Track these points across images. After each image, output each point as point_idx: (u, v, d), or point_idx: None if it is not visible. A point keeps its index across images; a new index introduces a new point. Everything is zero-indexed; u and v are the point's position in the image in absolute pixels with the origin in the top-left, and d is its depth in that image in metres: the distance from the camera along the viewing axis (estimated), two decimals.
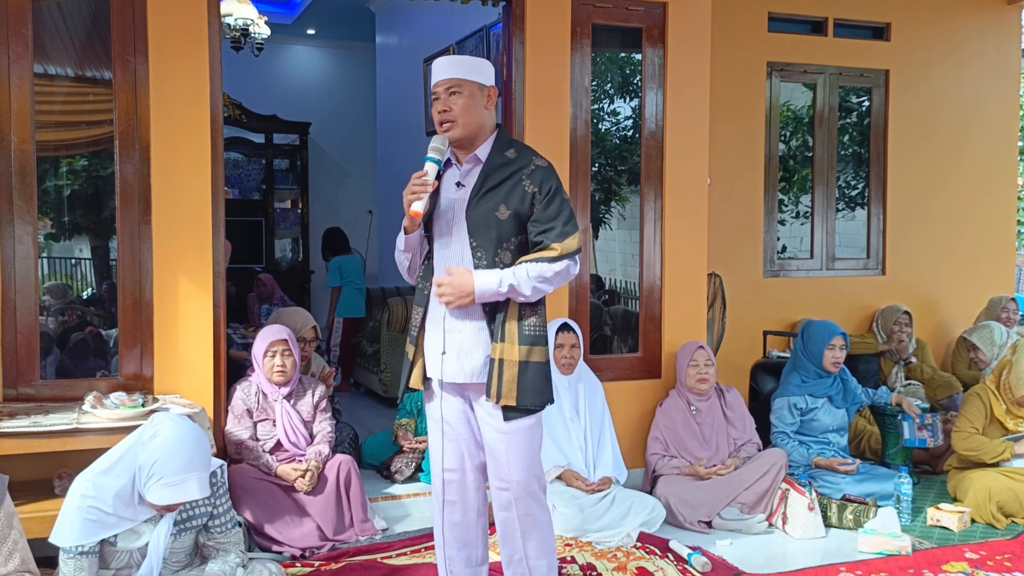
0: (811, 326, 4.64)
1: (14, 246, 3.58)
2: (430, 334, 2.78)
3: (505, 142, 2.78)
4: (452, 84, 2.70)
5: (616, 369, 4.60)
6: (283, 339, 3.87)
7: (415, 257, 2.83)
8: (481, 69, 2.74)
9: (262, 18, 7.32)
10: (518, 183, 2.68)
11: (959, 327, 6.14)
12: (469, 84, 2.70)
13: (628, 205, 5.09)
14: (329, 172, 10.20)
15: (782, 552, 3.77)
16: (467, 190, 2.73)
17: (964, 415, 4.38)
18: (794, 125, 6.11)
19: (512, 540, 2.81)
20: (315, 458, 3.82)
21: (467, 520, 2.87)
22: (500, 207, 2.66)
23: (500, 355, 2.65)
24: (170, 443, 2.71)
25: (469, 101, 2.69)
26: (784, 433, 4.43)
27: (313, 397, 3.99)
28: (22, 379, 3.61)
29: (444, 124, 2.70)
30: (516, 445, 2.73)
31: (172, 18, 3.71)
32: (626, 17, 4.57)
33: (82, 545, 2.69)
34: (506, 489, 2.76)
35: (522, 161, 2.72)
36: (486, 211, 2.67)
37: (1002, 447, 4.21)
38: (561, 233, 2.66)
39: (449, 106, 2.69)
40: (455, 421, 2.81)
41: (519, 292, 2.64)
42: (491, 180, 2.70)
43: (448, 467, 2.84)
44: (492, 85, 2.77)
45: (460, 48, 7.02)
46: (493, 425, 2.72)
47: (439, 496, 2.87)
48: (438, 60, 2.77)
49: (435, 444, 2.86)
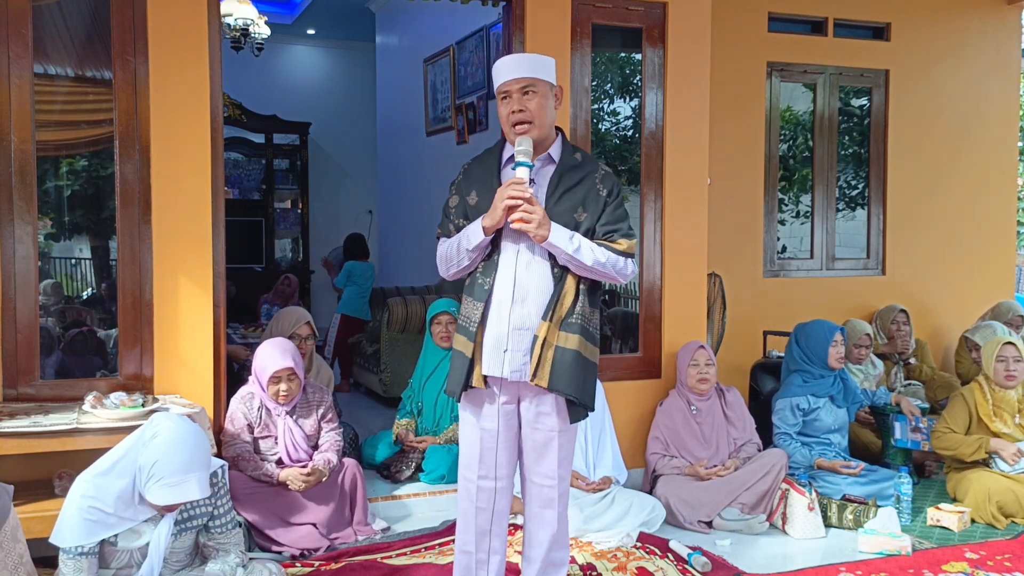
0: (808, 327, 4.63)
1: (14, 246, 3.58)
2: (492, 330, 2.71)
3: (569, 145, 2.80)
4: (527, 83, 2.67)
5: (616, 369, 4.61)
6: (289, 367, 3.75)
7: (479, 256, 2.76)
8: (551, 67, 2.73)
9: (262, 18, 7.32)
10: (592, 186, 2.71)
11: (959, 327, 6.15)
12: (542, 83, 2.69)
13: (628, 205, 5.08)
14: (329, 172, 10.21)
15: (782, 552, 3.77)
16: (540, 188, 2.72)
17: (944, 415, 4.44)
18: (794, 125, 6.11)
19: (546, 535, 2.82)
20: (323, 465, 3.77)
21: (498, 528, 2.84)
22: (578, 209, 2.69)
23: (543, 334, 2.65)
24: (170, 444, 2.71)
25: (543, 100, 2.68)
26: (787, 434, 4.44)
27: (318, 412, 3.89)
28: (22, 379, 3.60)
29: (521, 125, 2.66)
30: (566, 443, 2.76)
31: (172, 18, 3.71)
32: (626, 17, 4.57)
33: (82, 545, 2.69)
34: (551, 487, 2.77)
35: (591, 166, 2.76)
36: (565, 212, 2.68)
37: (977, 443, 4.23)
38: (627, 234, 2.72)
39: (525, 106, 2.66)
40: (506, 425, 2.77)
41: (580, 257, 2.63)
42: (566, 181, 2.71)
43: (495, 475, 2.78)
44: (558, 85, 2.76)
45: (460, 48, 7.03)
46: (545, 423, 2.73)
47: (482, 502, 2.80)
48: (506, 58, 2.75)
49: (483, 449, 2.78)
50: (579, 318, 2.68)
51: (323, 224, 10.09)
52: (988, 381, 4.38)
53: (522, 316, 2.69)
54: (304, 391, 3.88)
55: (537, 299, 2.69)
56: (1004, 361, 4.31)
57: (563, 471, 2.80)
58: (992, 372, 4.34)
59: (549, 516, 2.81)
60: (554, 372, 2.65)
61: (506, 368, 2.70)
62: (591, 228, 2.71)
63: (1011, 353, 4.31)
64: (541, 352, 2.65)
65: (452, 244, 2.78)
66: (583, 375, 2.68)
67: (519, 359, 2.69)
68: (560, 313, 2.66)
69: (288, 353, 3.77)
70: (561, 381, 2.65)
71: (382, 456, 4.61)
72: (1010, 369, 4.29)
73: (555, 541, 2.84)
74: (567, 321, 2.67)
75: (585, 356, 2.69)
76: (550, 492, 2.78)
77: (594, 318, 2.74)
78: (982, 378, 4.42)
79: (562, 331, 2.66)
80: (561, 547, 2.89)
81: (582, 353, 2.68)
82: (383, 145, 9.40)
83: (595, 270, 2.67)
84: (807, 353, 4.57)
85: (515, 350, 2.69)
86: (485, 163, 2.82)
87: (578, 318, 2.68)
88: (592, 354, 2.72)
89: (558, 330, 2.66)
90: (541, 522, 2.82)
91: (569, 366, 2.65)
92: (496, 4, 4.43)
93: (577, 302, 2.69)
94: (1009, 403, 4.32)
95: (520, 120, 2.66)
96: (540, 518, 2.82)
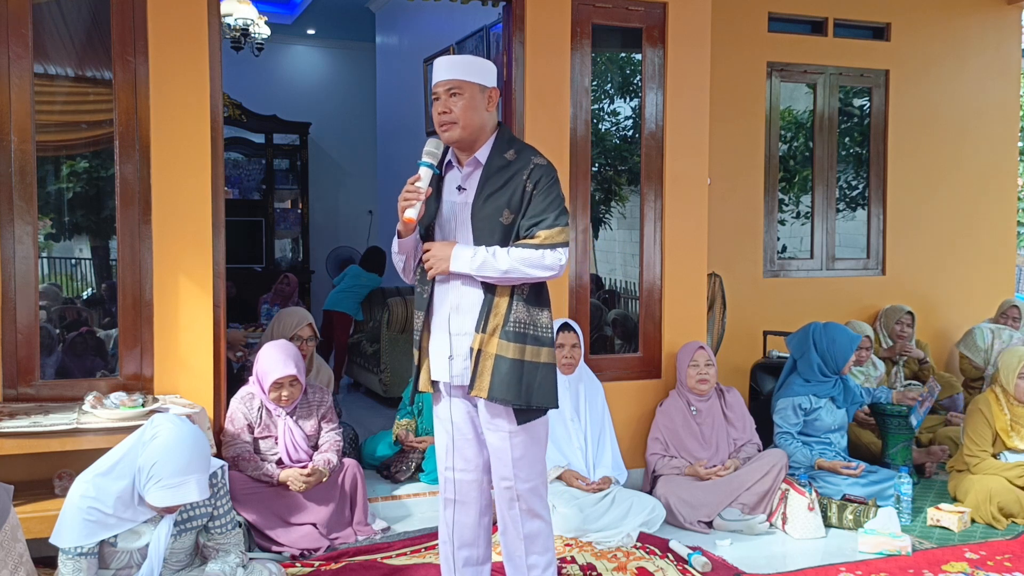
0: (831, 333, 4.55)
1: (14, 246, 3.58)
2: (436, 337, 2.78)
3: (505, 143, 2.75)
4: (453, 85, 2.68)
5: (616, 369, 4.60)
6: (292, 375, 3.75)
7: (409, 260, 2.83)
8: (483, 70, 2.72)
9: (262, 18, 7.32)
10: (519, 184, 2.67)
11: (959, 327, 6.15)
12: (470, 85, 2.68)
13: (628, 205, 5.09)
14: (329, 172, 10.20)
15: (782, 552, 3.77)
16: (469, 194, 2.72)
17: (968, 434, 4.32)
18: (794, 125, 6.11)
19: (514, 538, 2.83)
20: (323, 465, 3.78)
21: (471, 520, 2.89)
22: (504, 211, 2.66)
23: (478, 345, 2.67)
24: (169, 445, 2.71)
25: (470, 103, 2.67)
26: (788, 433, 4.43)
27: (318, 413, 3.90)
28: (22, 379, 3.60)
29: (444, 125, 2.69)
30: (520, 444, 2.75)
31: (172, 18, 3.71)
32: (626, 17, 4.57)
33: (81, 546, 2.70)
34: (508, 488, 2.78)
35: (521, 162, 2.70)
36: (490, 215, 2.67)
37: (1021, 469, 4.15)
38: (551, 224, 2.65)
39: (449, 107, 2.67)
40: (461, 423, 2.83)
41: (486, 272, 2.63)
42: (491, 184, 2.69)
43: (456, 467, 2.85)
44: (493, 86, 2.75)
45: (460, 48, 7.02)
46: (496, 424, 2.73)
47: (445, 496, 2.89)
48: (439, 60, 2.75)
49: (442, 445, 2.88)
50: (516, 324, 2.67)
51: (323, 224, 10.09)
52: (1006, 394, 4.32)
53: (460, 323, 2.72)
54: (304, 392, 3.88)
55: (473, 308, 2.71)
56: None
57: (521, 471, 2.76)
58: (1013, 388, 4.26)
59: (513, 516, 2.82)
60: (492, 382, 2.66)
61: (452, 373, 2.74)
62: (517, 227, 2.70)
63: None
64: (478, 363, 2.67)
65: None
66: (526, 380, 2.67)
67: (460, 364, 2.73)
68: (495, 322, 2.67)
69: (291, 359, 3.76)
70: (499, 389, 2.66)
71: (382, 456, 4.61)
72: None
73: (530, 543, 2.82)
74: (504, 329, 2.67)
75: (526, 360, 2.67)
76: (509, 492, 2.79)
77: (539, 319, 2.71)
78: (998, 390, 4.34)
79: (500, 339, 2.66)
80: (543, 551, 2.84)
81: (522, 359, 2.67)
82: (383, 145, 9.40)
83: (509, 277, 2.64)
84: (826, 358, 4.53)
85: (458, 356, 2.73)
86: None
87: (515, 324, 2.67)
88: (536, 355, 2.69)
89: (496, 339, 2.66)
90: (508, 521, 2.84)
91: (507, 374, 2.65)
92: (496, 4, 4.42)
93: (512, 309, 2.68)
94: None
95: (443, 121, 2.68)
96: (507, 518, 2.84)
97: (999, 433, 4.27)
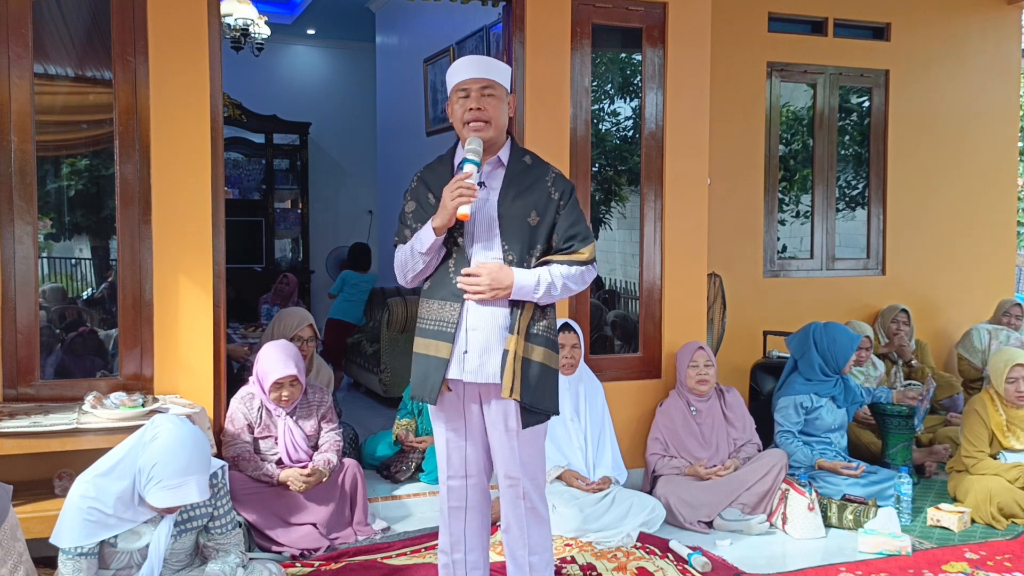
0: (831, 332, 4.56)
1: (14, 246, 3.58)
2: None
3: (518, 148, 2.83)
4: (487, 84, 2.70)
5: (616, 369, 4.60)
6: (292, 375, 3.75)
7: (433, 260, 2.76)
8: (507, 74, 2.79)
9: (262, 18, 7.32)
10: (544, 189, 2.72)
11: (959, 327, 6.15)
12: (500, 87, 2.74)
13: (628, 205, 5.09)
14: (329, 172, 10.20)
15: (782, 552, 3.77)
16: (492, 191, 2.74)
17: (966, 436, 4.33)
18: (794, 125, 6.11)
19: (517, 536, 2.83)
20: (323, 465, 3.78)
21: (482, 524, 2.90)
22: (531, 213, 2.70)
23: (514, 347, 2.66)
24: (169, 446, 2.71)
25: (500, 103, 2.73)
26: (789, 432, 4.43)
27: (318, 413, 3.90)
28: (22, 379, 3.61)
29: (478, 123, 2.69)
30: (526, 442, 2.75)
31: (172, 18, 3.71)
32: (626, 17, 4.57)
33: (81, 546, 2.70)
34: (515, 486, 2.78)
35: (540, 168, 2.78)
36: (518, 215, 2.70)
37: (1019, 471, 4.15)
38: (585, 239, 2.74)
39: (484, 106, 2.69)
40: (473, 424, 2.80)
41: (551, 293, 2.69)
42: (516, 184, 2.73)
43: (469, 473, 2.83)
44: (512, 92, 2.82)
45: (460, 48, 7.02)
46: (506, 424, 2.73)
47: (454, 505, 2.86)
48: (468, 57, 2.76)
49: (449, 449, 2.83)
50: (541, 328, 2.72)
51: (323, 224, 10.09)
52: (999, 396, 4.32)
53: (478, 316, 2.69)
54: (304, 392, 3.88)
55: (487, 304, 2.68)
56: (1015, 382, 4.24)
57: (527, 469, 2.78)
58: (1004, 392, 4.27)
59: (518, 514, 2.82)
60: (524, 385, 2.67)
61: (466, 369, 2.71)
62: (548, 236, 2.72)
63: (1021, 374, 4.24)
64: (514, 366, 2.66)
65: (407, 249, 2.79)
66: (547, 384, 2.72)
67: (475, 361, 2.69)
68: (523, 324, 2.69)
69: (291, 359, 3.76)
70: (528, 393, 2.68)
71: (382, 456, 4.61)
72: (1021, 390, 4.23)
73: (532, 542, 2.82)
74: (531, 332, 2.70)
75: (549, 366, 2.73)
76: (515, 490, 2.79)
77: (553, 324, 2.78)
78: (992, 392, 4.35)
79: (528, 343, 2.68)
80: (543, 550, 2.85)
81: (546, 364, 2.72)
82: (383, 145, 9.39)
83: (570, 290, 2.74)
84: (826, 358, 4.53)
85: (472, 351, 2.70)
86: (438, 169, 2.84)
87: (540, 328, 2.71)
88: (554, 361, 2.76)
89: (524, 341, 2.68)
90: (512, 520, 2.84)
91: (536, 378, 2.68)
92: (496, 4, 4.42)
93: (536, 310, 2.72)
94: (1022, 420, 4.28)
95: (477, 118, 2.69)
96: (511, 516, 2.84)
97: (995, 433, 4.28)
